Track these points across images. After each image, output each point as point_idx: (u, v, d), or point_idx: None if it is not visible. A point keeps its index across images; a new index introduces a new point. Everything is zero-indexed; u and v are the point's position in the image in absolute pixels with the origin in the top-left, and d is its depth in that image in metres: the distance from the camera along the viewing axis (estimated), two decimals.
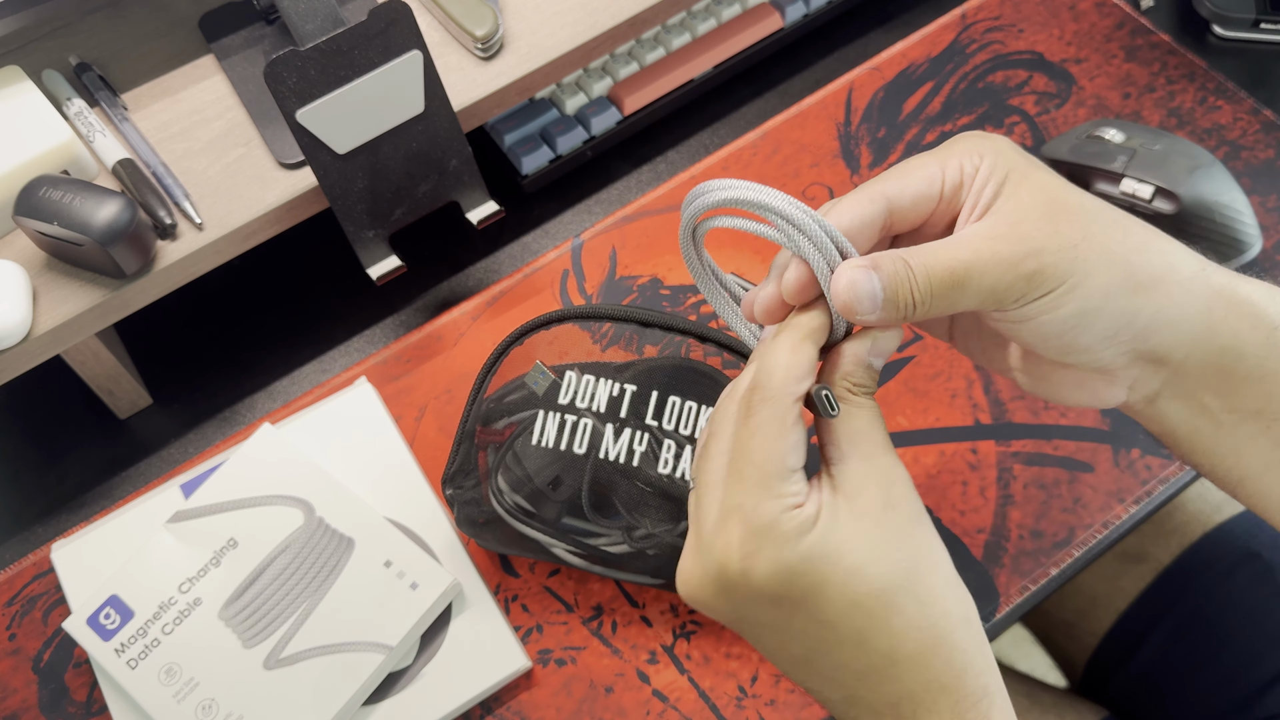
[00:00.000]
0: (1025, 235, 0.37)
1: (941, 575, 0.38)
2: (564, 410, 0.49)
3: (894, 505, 0.37)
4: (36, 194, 0.53)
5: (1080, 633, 0.72)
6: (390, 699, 0.50)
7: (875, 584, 0.37)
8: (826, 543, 0.36)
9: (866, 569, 0.36)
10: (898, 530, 0.37)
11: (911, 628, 0.37)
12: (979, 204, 0.39)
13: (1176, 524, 0.70)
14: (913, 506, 0.38)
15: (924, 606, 0.37)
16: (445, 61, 0.62)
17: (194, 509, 0.54)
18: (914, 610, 0.37)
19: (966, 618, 0.38)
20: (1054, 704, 0.70)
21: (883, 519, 0.37)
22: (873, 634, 0.37)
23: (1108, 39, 0.71)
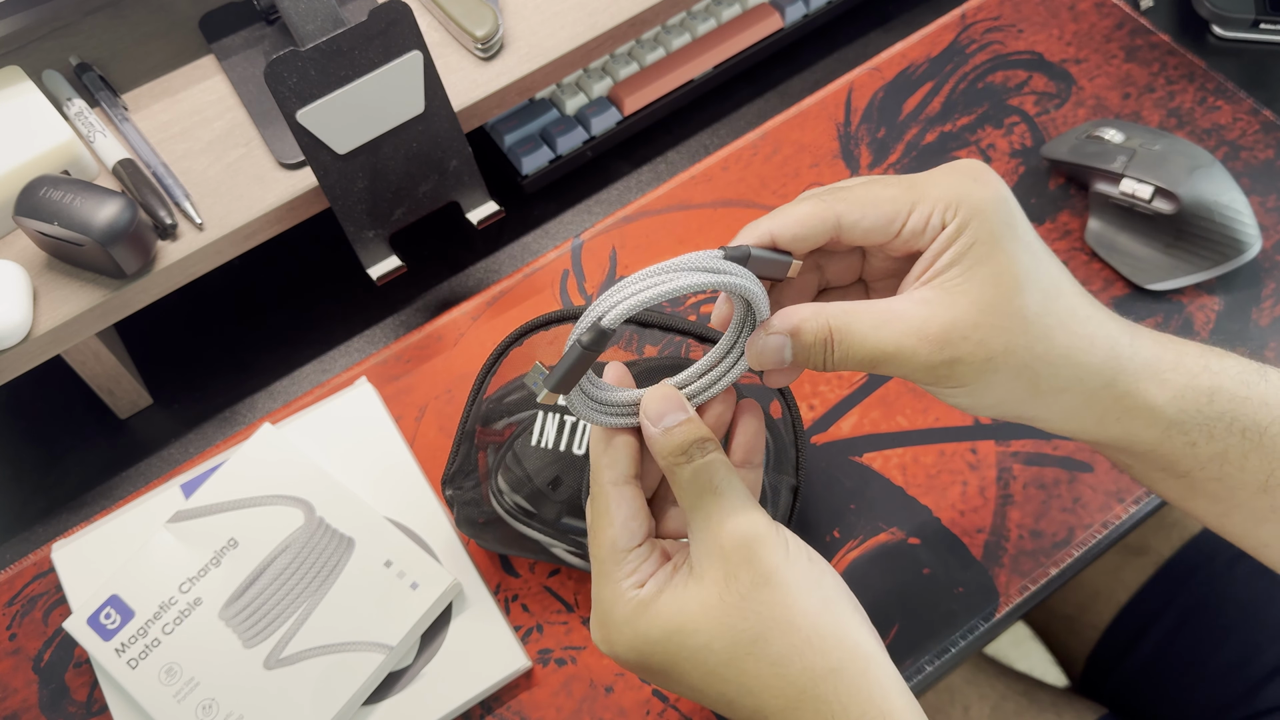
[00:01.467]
0: (951, 341, 0.38)
1: (800, 633, 0.38)
2: (564, 411, 0.49)
3: (735, 573, 0.38)
4: (37, 194, 0.53)
5: (1081, 626, 0.73)
6: (390, 699, 0.50)
7: (721, 656, 0.38)
8: (668, 622, 0.38)
9: (711, 644, 0.38)
10: (741, 599, 0.38)
11: (769, 689, 0.38)
12: (933, 267, 0.39)
13: (1178, 517, 0.71)
14: (762, 566, 0.38)
15: (779, 667, 0.37)
16: (445, 62, 0.62)
17: (194, 509, 0.54)
18: (769, 673, 0.38)
19: (834, 668, 0.38)
20: (1052, 703, 0.70)
21: (725, 589, 0.38)
22: (736, 695, 0.38)
23: (1107, 39, 0.71)
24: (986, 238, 0.38)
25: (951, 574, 0.54)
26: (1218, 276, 0.60)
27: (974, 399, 0.40)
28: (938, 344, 0.38)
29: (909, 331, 0.38)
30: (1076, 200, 0.65)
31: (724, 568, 0.38)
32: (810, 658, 0.37)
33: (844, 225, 0.39)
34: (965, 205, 0.39)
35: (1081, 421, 0.41)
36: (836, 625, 0.38)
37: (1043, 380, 0.40)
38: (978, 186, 0.39)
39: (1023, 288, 0.39)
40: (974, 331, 0.38)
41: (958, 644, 0.52)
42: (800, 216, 0.39)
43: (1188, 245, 0.59)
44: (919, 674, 0.52)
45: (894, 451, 0.57)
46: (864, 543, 0.55)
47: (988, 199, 0.39)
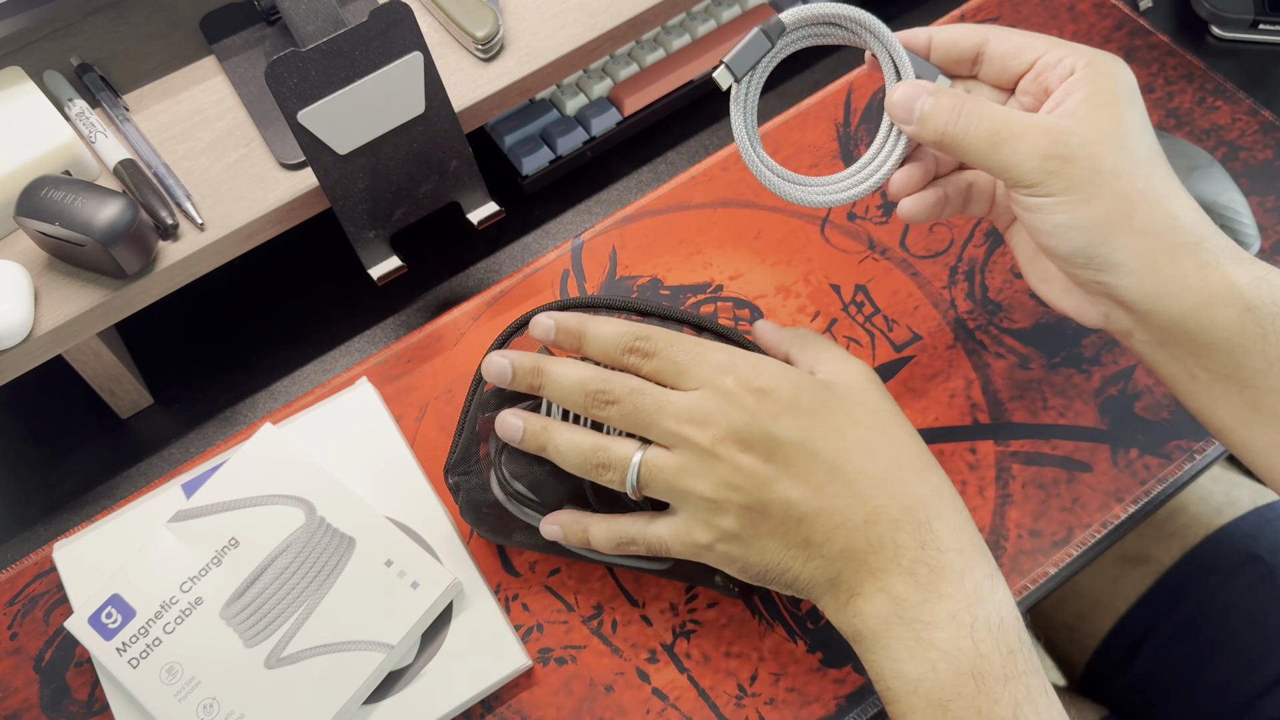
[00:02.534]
0: (1068, 141, 0.43)
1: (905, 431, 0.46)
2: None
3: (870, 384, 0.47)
4: (38, 194, 0.53)
5: (1080, 635, 0.73)
6: (391, 698, 0.51)
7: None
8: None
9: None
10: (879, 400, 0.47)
11: (908, 447, 0.45)
12: (1061, 100, 0.45)
13: (1178, 526, 0.70)
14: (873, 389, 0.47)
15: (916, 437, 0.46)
16: (446, 62, 0.62)
17: (195, 508, 0.54)
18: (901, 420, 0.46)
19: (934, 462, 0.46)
20: None
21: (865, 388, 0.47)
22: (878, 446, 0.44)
23: (1106, 40, 0.71)
24: (1112, 91, 0.44)
25: None
26: None
27: (1072, 212, 0.43)
28: (1057, 137, 0.43)
29: (1034, 121, 0.44)
30: None
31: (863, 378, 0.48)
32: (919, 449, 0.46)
33: (990, 39, 0.47)
34: (1098, 62, 0.45)
35: (1162, 278, 0.43)
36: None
37: (1137, 213, 0.43)
38: (1109, 56, 0.45)
39: (1138, 133, 0.44)
40: (1090, 144, 0.43)
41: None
42: (952, 29, 0.48)
43: None
44: None
45: None
46: None
47: (1119, 66, 0.45)
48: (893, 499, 0.43)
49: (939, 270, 0.63)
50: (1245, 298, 0.42)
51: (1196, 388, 0.45)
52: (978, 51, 0.48)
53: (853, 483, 0.43)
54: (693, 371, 0.45)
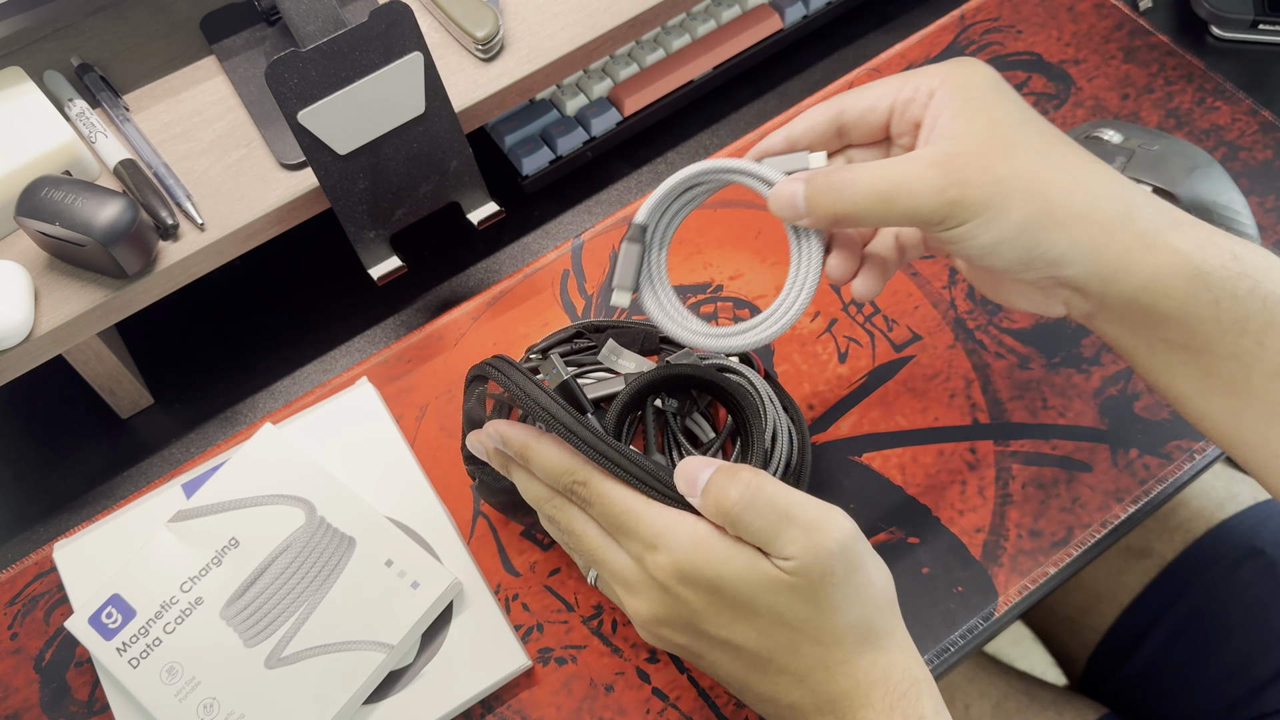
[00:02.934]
0: (955, 167, 0.41)
1: (872, 599, 0.42)
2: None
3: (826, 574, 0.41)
4: (38, 194, 0.53)
5: (1082, 628, 0.73)
6: (391, 698, 0.51)
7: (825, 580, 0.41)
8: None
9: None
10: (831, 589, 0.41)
11: (838, 645, 0.41)
12: (933, 127, 0.43)
13: (1180, 520, 0.71)
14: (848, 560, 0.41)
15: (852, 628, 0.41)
16: (446, 63, 0.62)
17: (196, 508, 0.54)
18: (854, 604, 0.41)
19: (889, 629, 0.42)
20: (1053, 701, 0.70)
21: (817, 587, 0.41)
22: (801, 644, 0.41)
23: (1106, 40, 0.71)
24: (976, 94, 0.42)
25: (951, 573, 0.54)
26: None
27: (991, 231, 0.41)
28: (943, 169, 0.41)
29: (914, 162, 0.42)
30: None
31: (823, 568, 0.40)
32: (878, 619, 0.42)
33: (844, 107, 0.45)
34: (951, 73, 0.43)
35: (1105, 258, 0.42)
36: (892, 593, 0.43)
37: (1055, 205, 0.41)
38: (967, 64, 0.44)
39: (1021, 125, 0.42)
40: (978, 159, 0.41)
41: (957, 643, 0.52)
42: (806, 114, 0.46)
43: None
44: None
45: (893, 451, 0.57)
46: None
47: (972, 66, 0.43)
48: (816, 694, 0.42)
49: (939, 270, 0.63)
50: (1194, 263, 0.42)
51: (1155, 360, 0.44)
52: (837, 125, 0.46)
53: (776, 677, 0.42)
54: (624, 539, 0.43)
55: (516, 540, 0.55)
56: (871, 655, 0.41)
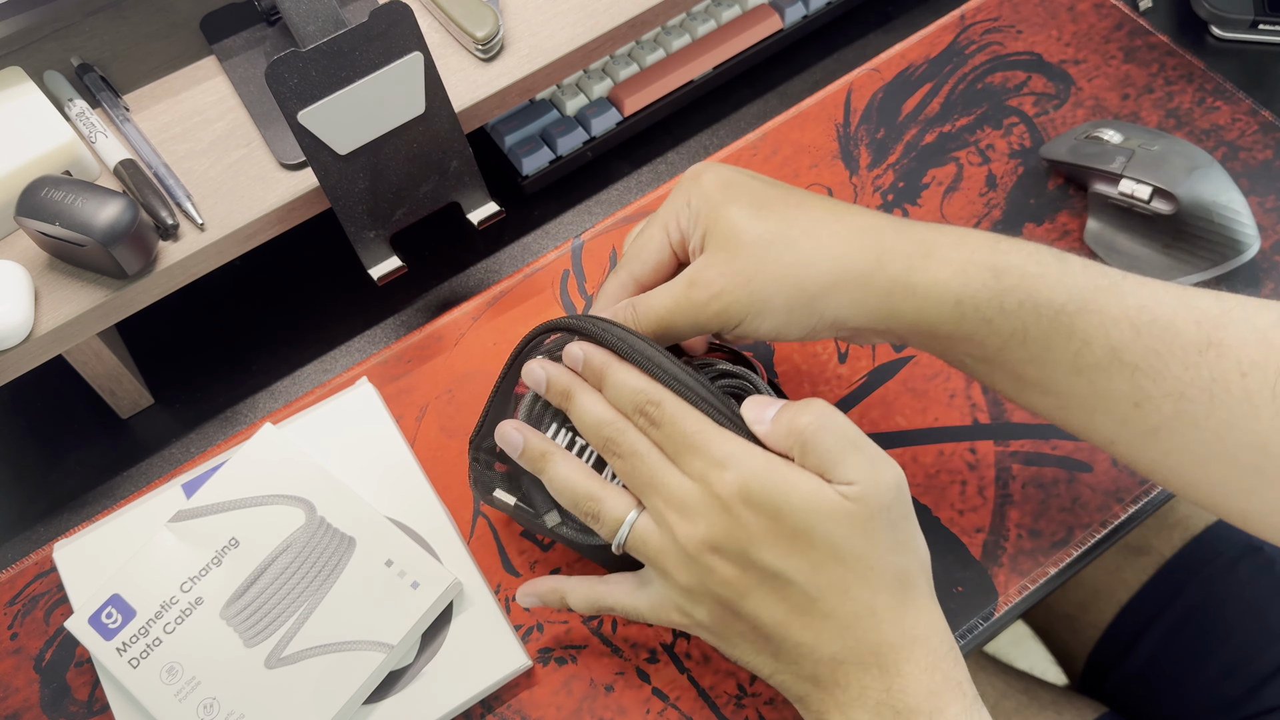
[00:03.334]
0: (709, 280, 0.45)
1: (918, 556, 0.43)
2: (574, 431, 0.49)
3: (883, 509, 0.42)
4: (38, 195, 0.53)
5: (1082, 625, 0.73)
6: (391, 698, 0.51)
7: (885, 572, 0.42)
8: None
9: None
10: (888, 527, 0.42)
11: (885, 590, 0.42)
12: (696, 251, 0.47)
13: (1180, 517, 0.71)
14: (904, 504, 0.43)
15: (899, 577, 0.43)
16: (446, 63, 0.62)
17: (196, 508, 0.54)
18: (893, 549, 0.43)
19: (929, 591, 0.44)
20: (1052, 701, 0.70)
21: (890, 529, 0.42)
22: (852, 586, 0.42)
23: (1106, 40, 0.71)
24: (711, 208, 0.46)
25: (950, 573, 0.54)
26: (1216, 277, 0.60)
27: (766, 322, 0.45)
28: (700, 287, 0.45)
29: (682, 284, 0.46)
30: (1075, 201, 0.65)
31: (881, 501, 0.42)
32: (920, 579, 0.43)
33: (637, 277, 0.49)
34: (693, 197, 0.47)
35: (872, 308, 0.44)
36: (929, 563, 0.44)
37: (807, 282, 0.44)
38: (694, 181, 0.48)
39: (757, 214, 0.46)
40: (728, 264, 0.45)
41: (957, 643, 0.52)
42: (607, 293, 0.50)
43: (1186, 245, 0.59)
44: None
45: (893, 451, 0.57)
46: None
47: (705, 183, 0.47)
48: (860, 643, 0.42)
49: None
50: (954, 291, 0.43)
51: (971, 370, 0.46)
52: (639, 288, 0.50)
53: (822, 622, 0.42)
54: (690, 458, 0.43)
55: (516, 540, 0.55)
56: (915, 611, 0.42)
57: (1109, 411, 0.44)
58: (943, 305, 0.44)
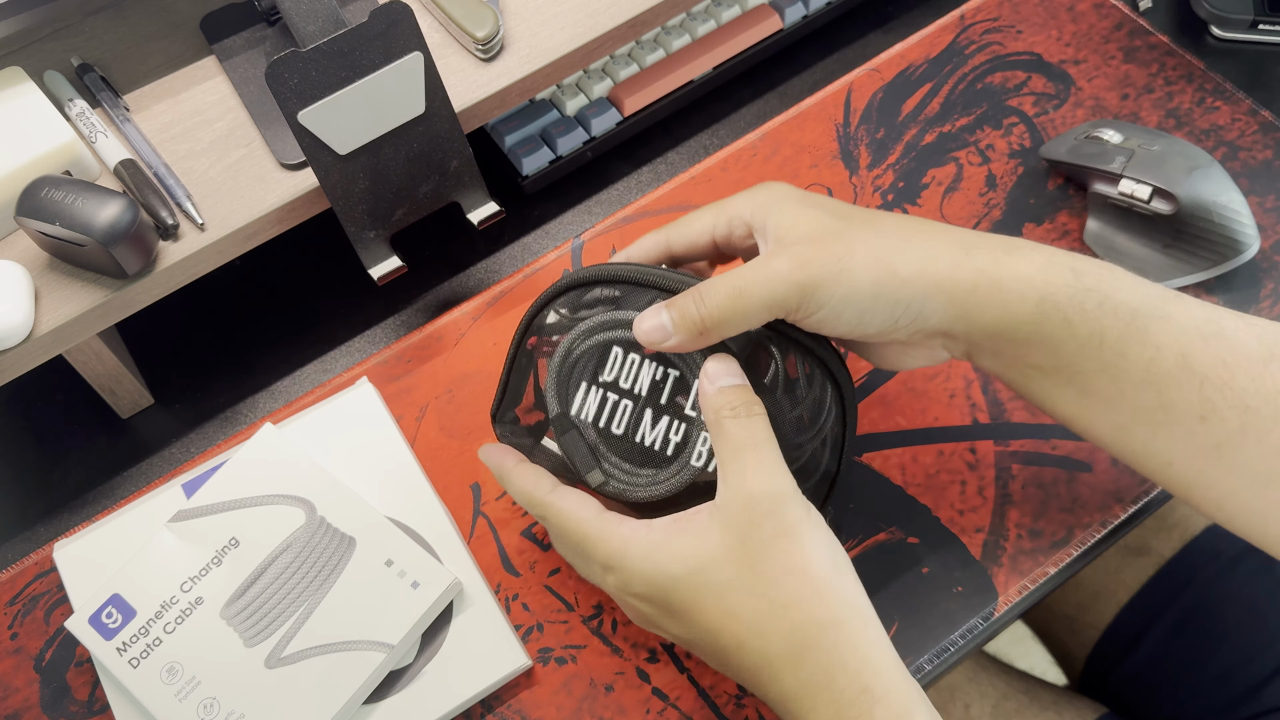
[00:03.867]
0: (798, 253, 0.44)
1: (810, 584, 0.42)
2: (606, 387, 0.48)
3: (760, 522, 0.42)
4: (38, 195, 0.53)
5: (1081, 626, 0.73)
6: (391, 697, 0.51)
7: (740, 594, 0.42)
8: (691, 559, 0.43)
9: (732, 582, 0.42)
10: (763, 544, 0.42)
11: (777, 631, 0.42)
12: (764, 233, 0.46)
13: (1179, 517, 0.71)
14: (785, 519, 0.43)
15: (789, 611, 0.42)
16: (446, 63, 0.62)
17: (196, 508, 0.54)
18: (779, 616, 0.42)
19: (837, 621, 0.42)
20: (1052, 701, 0.70)
21: (748, 535, 0.42)
22: (748, 636, 0.42)
23: (1106, 40, 0.71)
24: (792, 199, 0.46)
25: (950, 573, 0.54)
26: (1216, 277, 0.60)
27: (850, 305, 0.44)
28: (788, 257, 0.44)
29: (760, 260, 0.44)
30: (1075, 201, 0.65)
31: (750, 515, 0.42)
32: (817, 608, 0.42)
33: (671, 241, 0.50)
34: (763, 198, 0.47)
35: (957, 299, 0.44)
36: (842, 584, 0.43)
37: (897, 264, 0.44)
38: (770, 187, 0.48)
39: (842, 211, 0.46)
40: (816, 244, 0.44)
41: (956, 643, 0.52)
42: (639, 242, 0.50)
43: (1186, 245, 0.59)
44: (918, 673, 0.52)
45: (893, 451, 0.57)
46: (863, 542, 0.55)
47: (780, 189, 0.47)
48: (765, 691, 0.43)
49: None
50: (1038, 286, 0.43)
51: (1034, 387, 0.45)
52: (668, 253, 0.50)
53: (735, 672, 0.44)
54: (587, 562, 0.47)
55: (516, 540, 0.56)
56: (815, 653, 0.41)
57: (1175, 425, 0.43)
58: (1026, 303, 0.43)
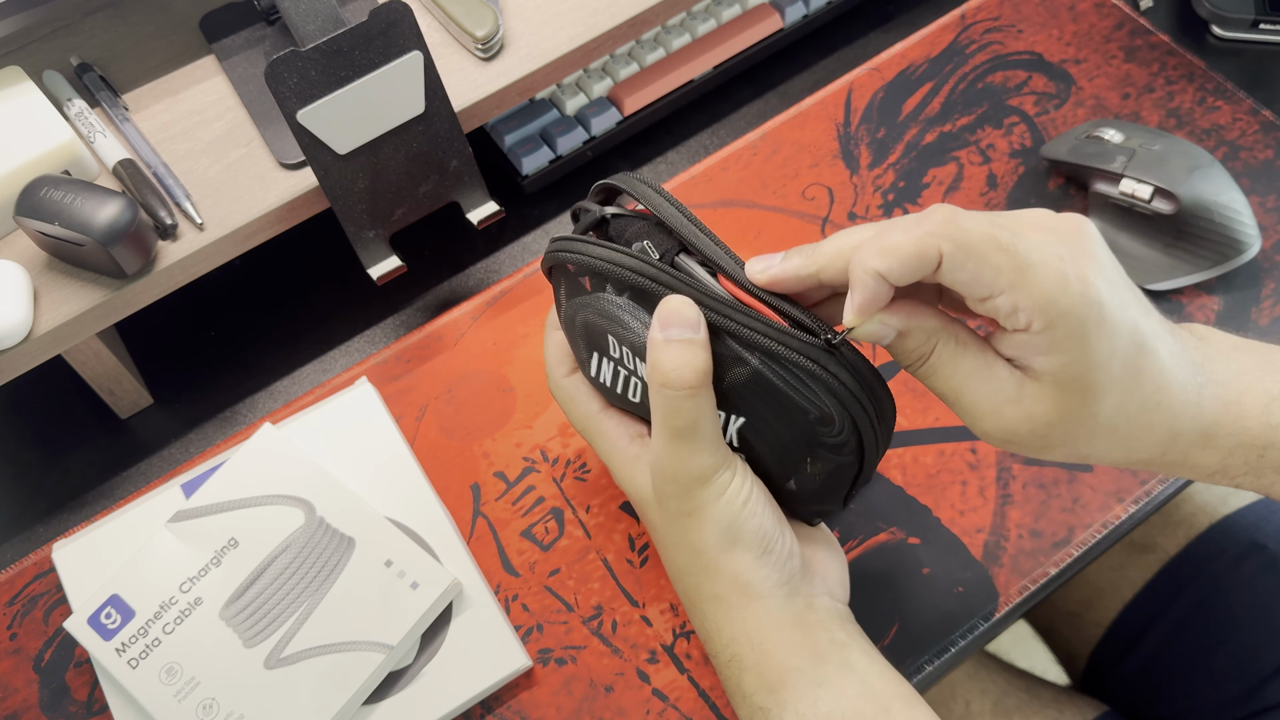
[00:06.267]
0: (1035, 429, 0.40)
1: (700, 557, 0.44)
2: (616, 363, 0.46)
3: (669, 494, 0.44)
4: (37, 194, 0.53)
5: (1085, 623, 0.73)
6: (391, 698, 0.50)
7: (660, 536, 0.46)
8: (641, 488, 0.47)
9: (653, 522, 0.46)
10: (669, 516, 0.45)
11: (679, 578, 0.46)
12: (1022, 358, 0.40)
13: (1184, 515, 0.71)
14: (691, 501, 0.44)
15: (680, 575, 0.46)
16: (446, 62, 0.62)
17: (195, 508, 0.54)
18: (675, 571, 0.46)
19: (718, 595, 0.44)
20: (1053, 699, 0.70)
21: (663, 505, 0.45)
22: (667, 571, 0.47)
23: (1107, 39, 0.71)
24: (1071, 349, 0.38)
25: (951, 573, 0.54)
26: (1217, 276, 0.60)
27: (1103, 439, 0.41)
28: (1020, 426, 0.40)
29: (991, 399, 0.40)
30: (1076, 200, 0.65)
31: (661, 486, 0.44)
32: (705, 582, 0.44)
33: (944, 266, 0.38)
34: (1054, 313, 0.38)
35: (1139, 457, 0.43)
36: (731, 563, 0.43)
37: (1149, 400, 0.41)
38: (1069, 290, 0.38)
39: (1099, 395, 0.39)
40: (1049, 429, 0.40)
41: (957, 643, 0.52)
42: (908, 253, 0.38)
43: (1187, 245, 0.59)
44: (919, 673, 0.52)
45: (893, 451, 0.57)
46: (864, 542, 0.55)
47: (1075, 305, 0.38)
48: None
49: None
50: (1209, 469, 0.43)
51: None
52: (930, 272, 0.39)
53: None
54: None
55: (516, 540, 0.55)
56: (697, 616, 0.45)
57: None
58: (1197, 472, 0.44)
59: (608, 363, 0.46)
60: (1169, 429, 0.41)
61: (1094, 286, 0.38)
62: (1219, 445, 0.42)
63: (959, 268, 0.38)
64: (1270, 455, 0.42)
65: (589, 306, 0.45)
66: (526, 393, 0.60)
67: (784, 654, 0.42)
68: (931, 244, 0.38)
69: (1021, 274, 0.37)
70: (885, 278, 0.38)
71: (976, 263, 0.38)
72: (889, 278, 0.38)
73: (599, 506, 0.56)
